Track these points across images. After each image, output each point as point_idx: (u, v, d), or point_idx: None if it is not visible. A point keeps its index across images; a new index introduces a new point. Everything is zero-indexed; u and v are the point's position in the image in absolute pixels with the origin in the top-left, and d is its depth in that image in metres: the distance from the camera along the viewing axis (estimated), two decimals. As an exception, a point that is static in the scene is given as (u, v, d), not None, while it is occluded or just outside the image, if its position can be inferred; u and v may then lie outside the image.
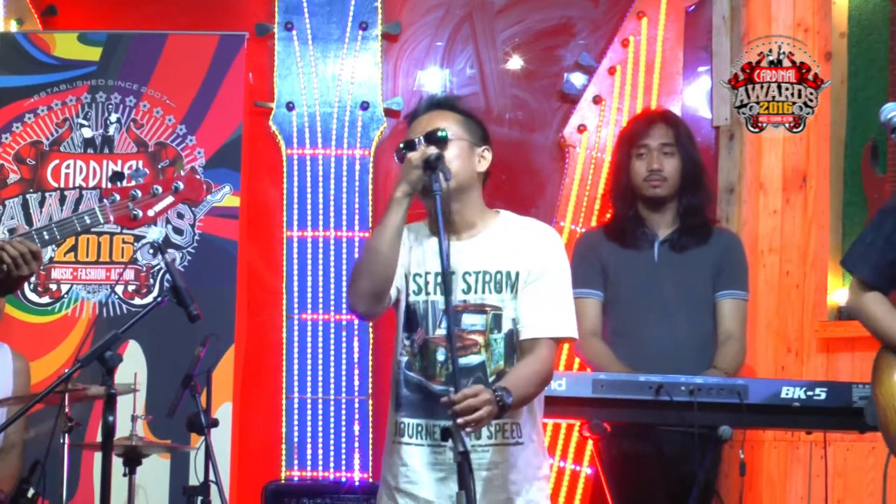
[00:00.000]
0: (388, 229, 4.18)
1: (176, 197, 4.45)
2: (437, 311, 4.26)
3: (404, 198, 4.17)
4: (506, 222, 4.40)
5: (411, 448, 4.28)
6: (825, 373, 6.39)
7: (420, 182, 4.12)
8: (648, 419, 5.25)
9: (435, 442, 4.21)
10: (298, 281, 6.90)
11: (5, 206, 6.77)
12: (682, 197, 5.72)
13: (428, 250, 4.29)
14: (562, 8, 7.27)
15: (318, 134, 6.99)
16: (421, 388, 4.28)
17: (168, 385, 5.91)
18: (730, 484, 6.24)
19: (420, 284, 4.30)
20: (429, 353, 4.27)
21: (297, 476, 6.76)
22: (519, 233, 4.37)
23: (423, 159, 4.12)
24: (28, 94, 6.84)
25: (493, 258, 4.27)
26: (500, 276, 4.28)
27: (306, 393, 6.84)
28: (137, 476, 5.84)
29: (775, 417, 5.24)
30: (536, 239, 4.36)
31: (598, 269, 5.62)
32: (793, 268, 6.89)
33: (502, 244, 4.31)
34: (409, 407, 4.29)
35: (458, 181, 4.22)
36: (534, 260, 4.28)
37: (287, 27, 7.04)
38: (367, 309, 4.27)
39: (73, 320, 6.73)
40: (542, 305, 4.26)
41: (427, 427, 4.26)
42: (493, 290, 4.27)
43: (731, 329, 5.68)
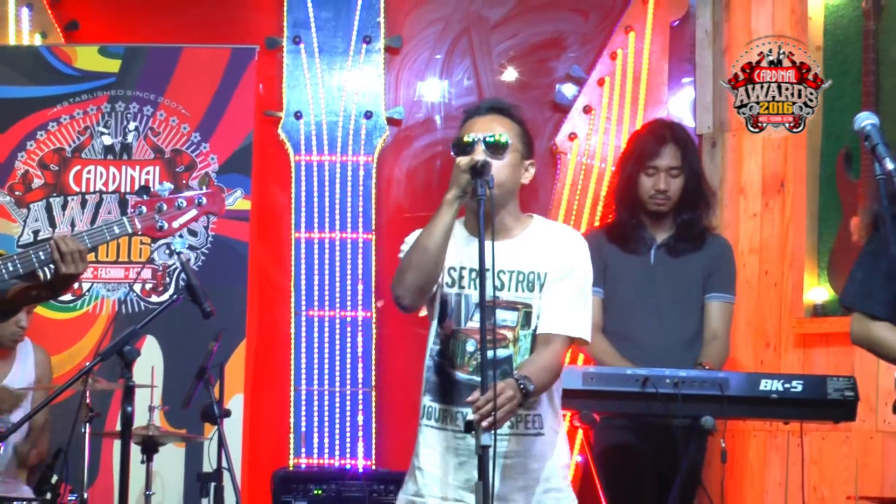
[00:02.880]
0: (439, 228, 4.16)
1: (199, 210, 4.47)
2: (469, 304, 4.26)
3: (455, 200, 4.15)
4: (539, 226, 4.39)
5: (434, 431, 4.28)
6: (801, 366, 6.40)
7: (469, 186, 4.08)
8: (635, 410, 5.24)
9: (457, 428, 4.21)
10: (306, 279, 6.90)
11: (30, 210, 6.78)
12: (682, 211, 5.72)
13: (464, 247, 4.28)
14: (554, 23, 7.27)
15: (325, 141, 7.00)
16: (446, 376, 4.28)
17: (183, 378, 5.91)
18: (712, 471, 6.24)
19: (454, 277, 4.29)
20: (457, 343, 4.27)
21: (305, 463, 6.76)
22: (550, 236, 4.36)
23: (469, 166, 4.09)
24: (51, 104, 6.84)
25: (525, 259, 4.26)
26: (532, 276, 4.27)
27: (313, 385, 6.84)
28: (154, 463, 5.84)
29: (755, 408, 5.24)
30: (565, 242, 4.35)
31: (599, 268, 5.62)
32: (771, 267, 6.90)
33: (535, 246, 4.30)
34: (435, 392, 4.29)
35: (502, 189, 4.20)
36: (560, 261, 4.28)
37: (295, 41, 7.05)
38: (411, 302, 4.23)
39: (94, 317, 6.74)
40: (562, 304, 4.26)
41: (449, 412, 4.26)
42: (526, 288, 4.26)
43: (717, 329, 5.69)
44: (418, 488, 4.28)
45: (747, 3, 7.11)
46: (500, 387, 3.93)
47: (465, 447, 4.20)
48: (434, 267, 4.19)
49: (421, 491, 4.28)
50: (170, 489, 6.48)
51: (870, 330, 4.30)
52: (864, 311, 4.30)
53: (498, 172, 4.16)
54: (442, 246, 4.17)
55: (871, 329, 4.30)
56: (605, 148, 7.01)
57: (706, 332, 5.68)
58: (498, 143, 4.20)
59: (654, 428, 5.44)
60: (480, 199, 4.03)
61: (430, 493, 4.26)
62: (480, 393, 3.91)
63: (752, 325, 6.87)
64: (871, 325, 4.29)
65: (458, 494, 4.21)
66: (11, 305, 4.47)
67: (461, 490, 4.21)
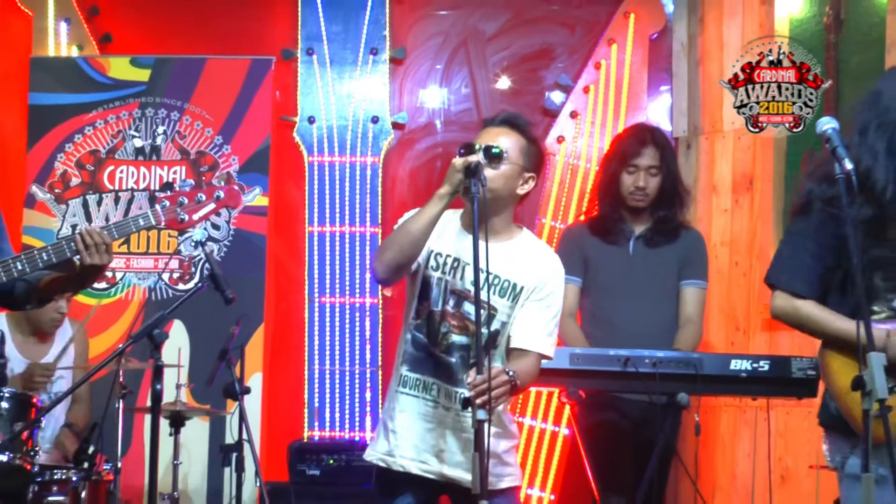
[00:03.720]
0: (425, 217, 4.14)
1: (217, 204, 4.45)
2: (446, 290, 4.25)
3: (445, 195, 4.12)
4: (525, 240, 4.38)
5: (409, 398, 4.28)
6: (768, 348, 6.39)
7: (461, 184, 4.07)
8: (617, 388, 5.25)
9: (428, 397, 4.25)
10: (318, 269, 6.90)
11: (68, 206, 6.77)
12: (659, 207, 5.72)
13: (454, 237, 4.27)
14: (543, 35, 7.26)
15: (335, 144, 6.99)
16: (425, 349, 4.28)
17: (207, 358, 5.90)
18: (687, 443, 6.24)
19: (438, 263, 4.26)
20: (433, 323, 4.26)
21: (318, 436, 6.77)
22: (533, 253, 4.34)
23: (464, 166, 4.06)
24: (87, 110, 6.84)
25: (505, 267, 4.23)
26: (506, 284, 4.25)
27: (325, 365, 6.85)
28: (181, 436, 5.85)
29: (726, 386, 5.24)
30: (545, 264, 4.33)
31: (579, 259, 5.62)
32: (741, 259, 6.89)
33: (517, 257, 4.28)
34: (412, 363, 4.29)
35: (494, 194, 4.16)
36: (539, 280, 4.27)
37: (309, 52, 7.04)
38: (386, 276, 4.21)
39: (126, 303, 6.74)
40: (538, 324, 4.27)
41: (424, 383, 4.27)
42: (497, 293, 4.24)
43: (691, 314, 5.69)
44: (391, 448, 4.30)
45: (719, 18, 7.10)
46: (495, 372, 3.96)
47: (435, 416, 4.25)
48: (412, 250, 4.17)
49: (393, 451, 4.29)
50: (195, 459, 6.48)
51: (797, 307, 4.24)
52: (789, 289, 4.26)
53: (492, 179, 4.14)
54: (424, 233, 4.15)
55: (797, 306, 4.24)
56: (589, 150, 7.01)
57: (681, 316, 5.69)
58: (493, 153, 4.17)
59: (635, 404, 5.44)
60: (474, 197, 4.00)
61: (402, 453, 4.28)
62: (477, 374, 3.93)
63: (724, 311, 6.87)
64: (798, 302, 4.24)
65: (424, 457, 4.25)
66: (45, 294, 4.46)
67: (426, 453, 4.25)
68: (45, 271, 4.32)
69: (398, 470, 4.28)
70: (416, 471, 4.26)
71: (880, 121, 4.17)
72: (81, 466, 5.63)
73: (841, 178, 3.79)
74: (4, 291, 4.38)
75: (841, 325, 4.14)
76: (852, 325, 4.04)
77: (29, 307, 4.55)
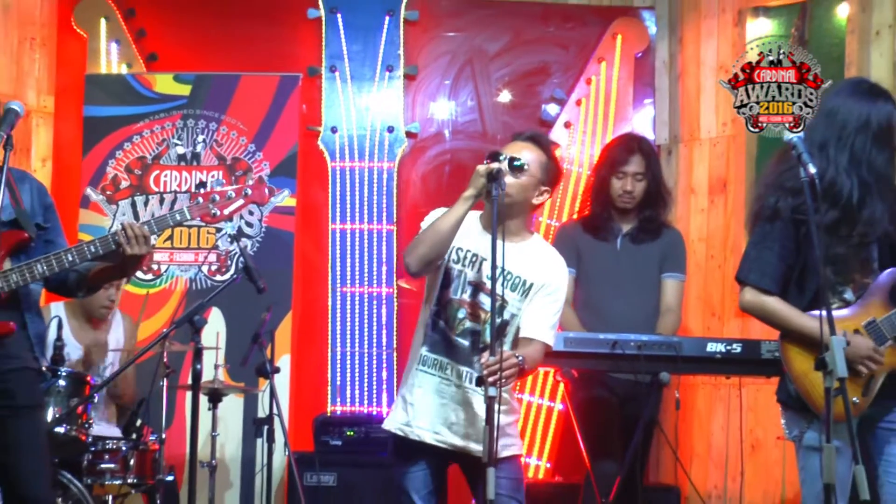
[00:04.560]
0: (453, 217, 4.20)
1: (245, 200, 4.46)
2: (464, 280, 4.30)
3: (470, 198, 4.18)
4: (536, 243, 4.44)
5: (427, 376, 4.32)
6: (740, 332, 6.40)
7: (484, 188, 4.12)
8: (606, 367, 5.26)
9: (444, 376, 4.29)
10: (340, 262, 6.90)
11: (118, 206, 6.78)
12: (645, 208, 5.73)
13: (474, 234, 4.32)
14: (540, 54, 7.26)
15: (355, 151, 6.99)
16: (443, 333, 4.32)
17: (242, 341, 5.91)
18: (668, 417, 6.24)
19: (459, 256, 4.31)
20: (452, 309, 4.30)
21: (339, 410, 6.77)
22: (542, 255, 4.41)
23: (487, 171, 4.11)
24: (135, 121, 6.85)
25: (517, 264, 4.29)
26: (518, 280, 4.30)
27: (346, 347, 6.85)
28: (218, 410, 5.86)
29: (703, 366, 5.25)
30: (553, 265, 4.40)
31: (573, 252, 5.62)
32: (716, 253, 6.90)
33: (528, 257, 4.34)
34: (431, 344, 4.33)
35: (511, 200, 4.23)
36: (547, 279, 4.33)
37: (332, 69, 7.04)
38: (418, 270, 4.26)
39: (170, 292, 6.74)
40: (544, 317, 4.33)
41: (441, 363, 4.31)
42: (509, 287, 4.29)
43: (671, 303, 5.70)
44: (409, 419, 4.34)
45: (697, 39, 7.11)
46: (507, 355, 4.02)
47: (448, 393, 4.29)
48: (442, 247, 4.23)
49: (410, 422, 4.32)
50: (231, 431, 6.49)
51: (764, 302, 4.25)
52: (757, 285, 4.27)
53: (510, 186, 4.21)
54: (453, 231, 4.21)
55: (764, 301, 4.25)
56: (581, 156, 7.01)
57: (663, 305, 5.70)
58: (515, 164, 4.24)
59: (622, 382, 5.45)
60: (494, 199, 4.06)
61: (418, 424, 4.31)
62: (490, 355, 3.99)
63: (701, 299, 6.87)
64: (764, 297, 4.25)
65: (438, 428, 4.29)
66: (94, 282, 4.47)
67: (440, 425, 4.29)
68: (94, 262, 4.33)
69: (414, 439, 4.31)
70: (431, 440, 4.29)
71: (839, 135, 4.18)
72: (130, 437, 5.66)
73: (806, 181, 3.82)
74: (59, 281, 4.41)
75: (801, 321, 4.17)
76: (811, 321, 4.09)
77: (80, 295, 4.57)
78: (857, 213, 4.16)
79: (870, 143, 4.19)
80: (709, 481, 6.69)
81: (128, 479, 5.59)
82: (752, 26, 6.82)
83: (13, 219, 4.25)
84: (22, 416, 4.21)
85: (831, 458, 3.61)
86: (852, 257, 4.21)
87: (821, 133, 4.17)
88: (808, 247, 4.10)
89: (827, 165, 4.14)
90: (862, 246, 4.21)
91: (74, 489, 5.34)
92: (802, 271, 4.22)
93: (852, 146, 4.19)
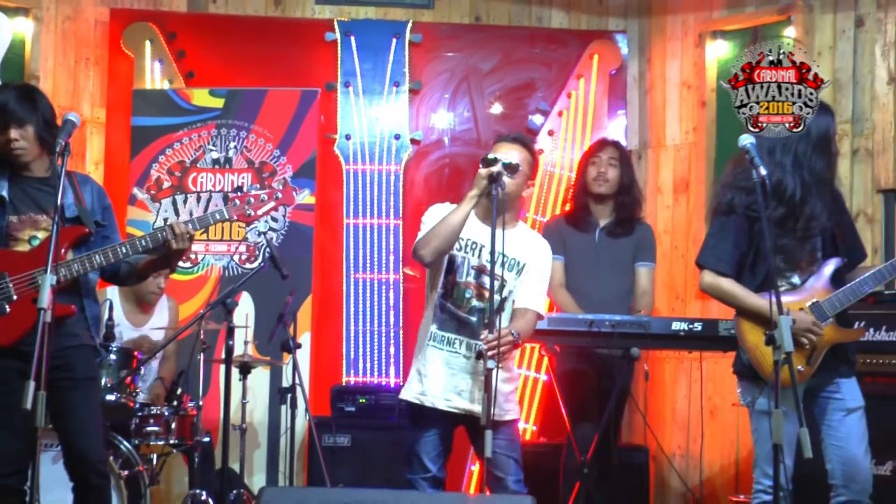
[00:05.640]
0: (461, 214, 4.30)
1: (276, 202, 4.49)
2: (467, 265, 4.37)
3: (475, 197, 4.28)
4: (523, 230, 4.57)
5: (438, 350, 4.38)
6: (701, 313, 6.41)
7: (486, 189, 4.23)
8: (584, 343, 5.27)
9: (453, 350, 4.36)
10: (353, 252, 6.89)
11: (161, 204, 6.78)
12: (619, 196, 5.75)
13: (473, 226, 4.38)
14: (527, 72, 7.25)
15: (366, 155, 6.99)
16: (451, 312, 4.38)
17: (268, 321, 5.92)
18: (638, 387, 6.26)
19: (461, 245, 4.39)
20: (458, 290, 4.37)
21: (353, 381, 6.78)
22: (530, 239, 4.54)
23: (488, 174, 4.22)
24: (175, 130, 6.84)
25: (511, 248, 4.37)
26: (513, 261, 4.41)
27: (359, 326, 6.84)
28: (248, 380, 5.86)
29: (668, 342, 5.27)
30: (540, 247, 4.53)
31: (560, 242, 5.63)
32: (680, 244, 6.91)
33: (519, 242, 4.44)
34: (441, 323, 4.39)
35: (508, 197, 4.34)
36: (535, 258, 4.45)
37: (346, 85, 7.04)
38: (430, 259, 4.36)
39: (206, 278, 6.74)
40: (535, 290, 4.44)
41: (449, 338, 4.37)
42: (506, 268, 4.38)
43: (646, 287, 5.72)
44: (423, 389, 4.38)
45: (663, 58, 7.11)
46: (504, 332, 4.08)
47: (456, 364, 4.35)
48: (452, 239, 4.32)
49: (425, 392, 4.37)
50: (259, 399, 6.49)
51: (720, 283, 4.27)
52: (714, 268, 4.29)
53: (508, 185, 4.31)
54: (460, 226, 4.31)
55: (720, 282, 4.27)
56: (563, 159, 7.00)
57: (638, 289, 5.72)
58: (512, 165, 4.33)
59: (598, 356, 5.46)
60: (494, 198, 4.17)
61: (432, 393, 4.36)
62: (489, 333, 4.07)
63: (666, 284, 6.88)
64: (720, 279, 4.27)
65: (449, 395, 4.35)
66: (143, 272, 4.50)
67: (451, 392, 4.35)
68: (143, 255, 4.35)
69: (429, 406, 4.35)
70: (443, 406, 4.33)
71: (784, 142, 4.20)
72: (172, 404, 5.66)
73: (757, 181, 3.83)
74: (113, 271, 4.44)
75: (753, 300, 4.20)
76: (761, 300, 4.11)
77: (131, 283, 4.62)
78: (800, 209, 4.19)
79: (810, 150, 4.23)
80: (673, 442, 6.70)
81: (170, 440, 5.60)
82: (710, 47, 6.82)
83: (76, 216, 4.29)
84: (79, 386, 4.24)
85: (779, 421, 3.63)
86: (798, 247, 4.24)
87: (770, 140, 4.19)
88: (759, 237, 4.12)
89: (774, 168, 4.16)
90: (806, 238, 4.24)
91: (124, 448, 5.37)
92: (755, 258, 4.25)
93: (795, 152, 4.22)
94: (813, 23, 6.38)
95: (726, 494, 6.35)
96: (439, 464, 4.38)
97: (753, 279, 4.25)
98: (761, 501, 4.22)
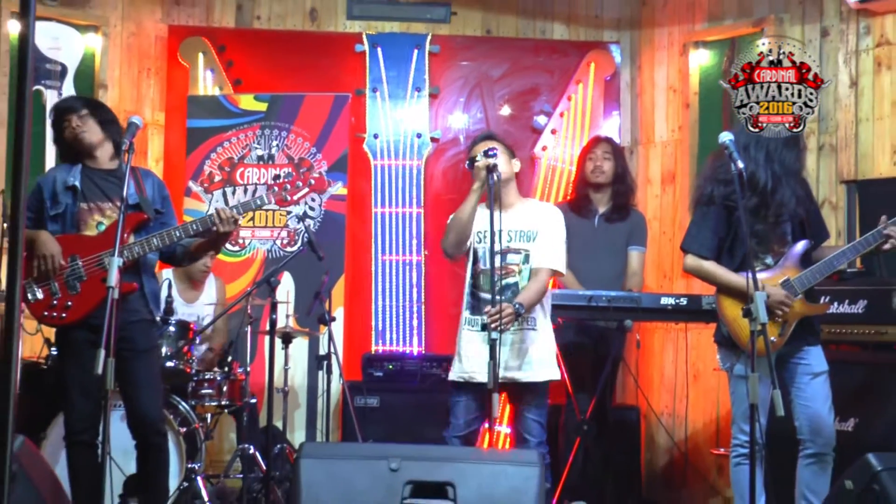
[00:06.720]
0: (468, 206, 4.32)
1: (310, 189, 4.52)
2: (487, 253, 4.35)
3: (478, 189, 4.30)
4: (532, 203, 4.59)
5: (471, 333, 4.41)
6: (686, 289, 6.38)
7: (486, 179, 4.23)
8: (583, 317, 5.26)
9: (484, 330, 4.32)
10: (381, 237, 6.89)
11: (213, 195, 6.78)
12: (615, 184, 5.74)
13: (485, 217, 4.36)
14: (532, 78, 7.22)
15: (392, 152, 6.98)
16: (477, 297, 4.40)
17: (307, 297, 5.93)
18: (630, 355, 6.25)
19: (480, 237, 4.40)
20: (484, 277, 4.37)
21: (381, 350, 6.78)
22: (539, 209, 4.54)
23: (485, 166, 4.24)
24: (225, 130, 6.84)
25: (524, 222, 4.40)
26: (529, 232, 4.42)
27: (386, 301, 6.84)
28: (289, 349, 5.87)
29: (657, 315, 5.25)
30: (549, 212, 4.53)
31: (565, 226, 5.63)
32: (667, 229, 6.87)
33: (529, 214, 4.45)
34: (472, 308, 4.41)
35: (503, 178, 4.34)
36: (546, 223, 4.44)
37: (374, 90, 7.02)
38: (452, 252, 4.42)
39: (252, 260, 6.75)
40: (546, 248, 4.42)
41: (478, 321, 4.37)
42: (525, 240, 4.40)
43: (636, 268, 5.70)
44: (463, 367, 4.42)
45: (651, 65, 7.06)
46: (505, 306, 4.05)
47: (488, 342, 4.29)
48: (465, 230, 4.32)
49: (465, 369, 4.40)
50: (299, 365, 6.51)
51: (701, 265, 4.28)
52: (697, 252, 4.29)
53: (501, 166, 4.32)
54: (471, 217, 4.31)
55: (702, 264, 4.28)
56: (564, 154, 6.98)
57: (629, 270, 5.70)
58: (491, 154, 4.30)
59: (595, 328, 5.45)
60: (492, 186, 4.19)
61: (471, 369, 4.38)
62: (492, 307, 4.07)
63: (655, 264, 6.85)
64: (702, 262, 4.28)
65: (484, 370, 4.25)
66: (195, 254, 4.53)
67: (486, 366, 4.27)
68: (194, 238, 4.37)
69: (471, 381, 4.35)
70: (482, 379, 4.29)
71: (757, 139, 4.18)
72: (223, 370, 5.68)
73: (735, 174, 3.81)
74: (170, 253, 4.47)
75: (731, 277, 4.19)
76: (739, 278, 4.10)
77: (185, 263, 4.66)
78: (772, 198, 4.17)
79: (781, 146, 4.21)
80: (661, 402, 6.69)
81: (221, 401, 5.63)
82: (693, 56, 6.77)
83: (137, 203, 4.31)
84: (139, 357, 4.27)
85: (755, 384, 3.62)
86: (770, 232, 4.23)
87: (745, 137, 4.17)
88: (737, 224, 4.11)
89: (748, 162, 4.14)
90: (777, 224, 4.23)
91: (182, 409, 5.39)
92: (732, 242, 4.24)
93: (767, 147, 4.20)
94: (783, 34, 6.33)
95: (708, 448, 6.33)
96: (472, 427, 4.38)
97: (732, 261, 4.25)
98: (738, 454, 4.22)
